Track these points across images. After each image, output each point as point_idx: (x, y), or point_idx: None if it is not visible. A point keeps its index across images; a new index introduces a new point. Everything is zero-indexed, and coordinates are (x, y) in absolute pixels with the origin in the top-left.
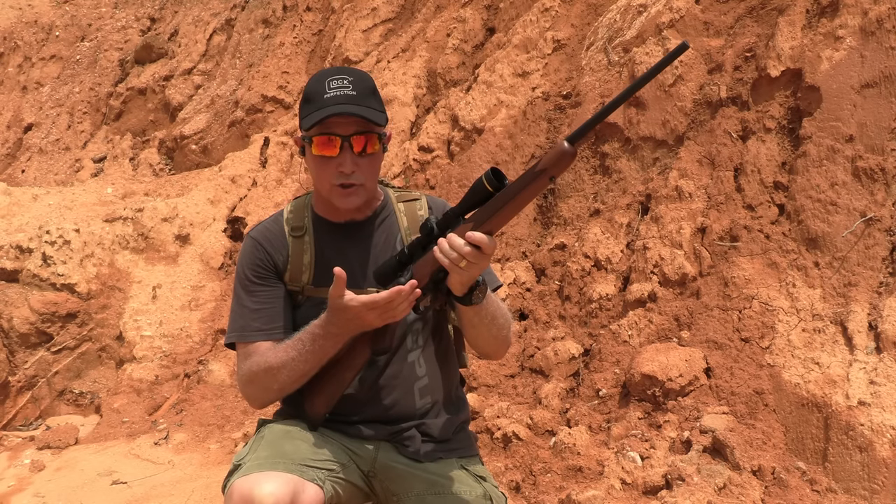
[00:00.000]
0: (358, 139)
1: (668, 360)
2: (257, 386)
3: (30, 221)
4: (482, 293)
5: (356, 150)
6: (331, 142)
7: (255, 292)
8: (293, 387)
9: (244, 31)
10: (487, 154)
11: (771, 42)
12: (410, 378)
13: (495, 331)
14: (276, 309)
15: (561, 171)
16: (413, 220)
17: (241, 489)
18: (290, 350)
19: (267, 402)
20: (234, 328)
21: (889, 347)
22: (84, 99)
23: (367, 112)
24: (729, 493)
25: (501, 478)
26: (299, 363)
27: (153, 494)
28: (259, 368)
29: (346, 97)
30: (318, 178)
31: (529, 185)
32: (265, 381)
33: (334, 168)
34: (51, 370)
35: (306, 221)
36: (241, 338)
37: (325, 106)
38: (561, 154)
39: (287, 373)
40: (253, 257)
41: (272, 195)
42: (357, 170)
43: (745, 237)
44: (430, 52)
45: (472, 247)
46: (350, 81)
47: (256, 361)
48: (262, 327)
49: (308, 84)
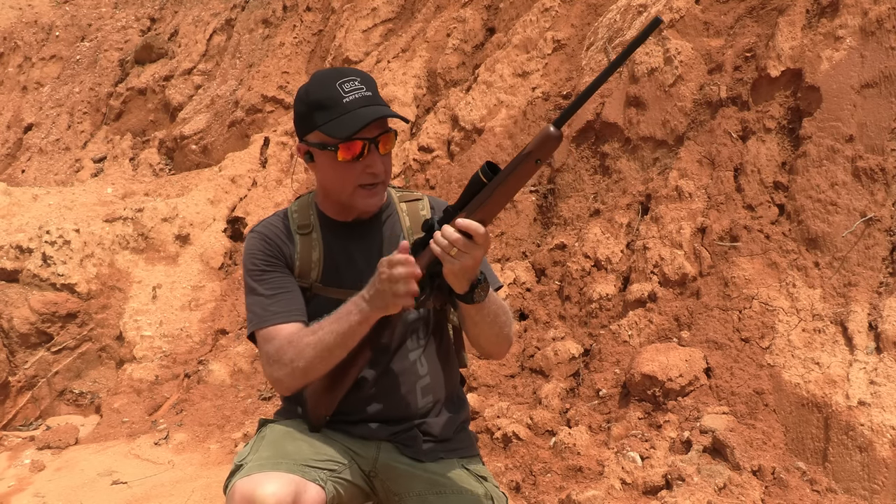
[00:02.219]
0: (383, 140)
1: (668, 360)
2: (282, 365)
3: (30, 221)
4: (484, 291)
5: (381, 151)
6: (357, 145)
7: (266, 280)
8: (320, 367)
9: (244, 31)
10: (487, 154)
11: (771, 42)
12: (412, 377)
13: (497, 329)
14: (291, 293)
15: (547, 155)
16: (415, 220)
17: (243, 489)
18: (316, 329)
19: (293, 384)
20: (252, 318)
21: (889, 347)
22: (84, 99)
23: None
24: (729, 493)
25: (501, 478)
26: (329, 339)
27: (153, 494)
28: (283, 348)
29: (365, 99)
30: (341, 182)
31: (516, 170)
32: (291, 357)
33: (361, 170)
34: (51, 370)
35: (312, 219)
36: (261, 324)
37: (349, 111)
38: (545, 137)
39: (313, 350)
40: (261, 247)
41: (272, 195)
42: (383, 169)
43: (745, 237)
44: (430, 52)
45: (464, 235)
46: (360, 82)
47: (280, 342)
48: (280, 311)
49: (313, 89)
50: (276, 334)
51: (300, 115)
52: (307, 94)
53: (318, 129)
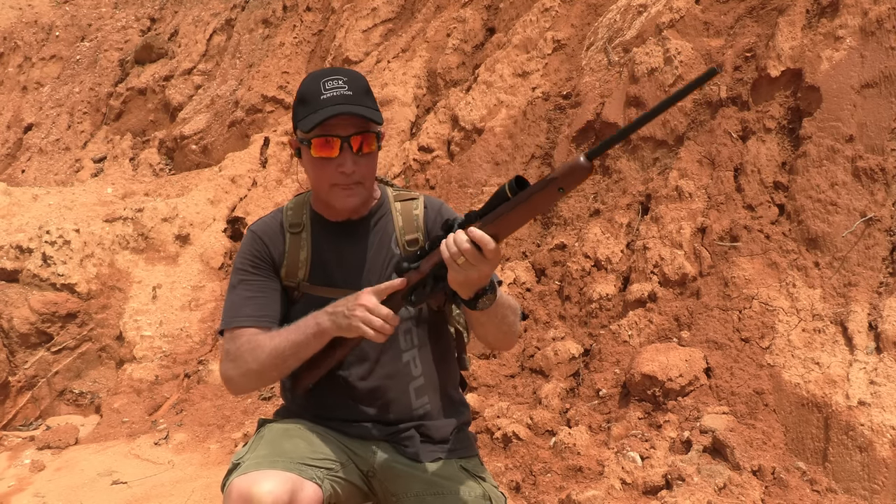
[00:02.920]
0: (357, 139)
1: (668, 360)
2: (237, 364)
3: (30, 221)
4: (489, 301)
5: (355, 151)
6: (330, 143)
7: (249, 281)
8: (272, 373)
9: (244, 31)
10: (487, 154)
11: (771, 42)
12: (405, 378)
13: (505, 328)
14: (267, 299)
15: (572, 186)
16: (408, 220)
17: (240, 487)
18: (275, 336)
19: (244, 385)
20: (224, 316)
21: (889, 347)
22: (84, 99)
23: (366, 111)
24: (729, 493)
25: (501, 478)
26: (283, 349)
27: (153, 494)
28: (242, 348)
29: (342, 97)
30: (318, 179)
31: (538, 193)
32: (246, 359)
33: (334, 169)
34: (51, 370)
35: (304, 218)
36: (230, 323)
37: (323, 107)
38: (574, 167)
39: (268, 355)
40: (251, 248)
41: (272, 195)
42: (356, 169)
43: (745, 237)
44: (430, 52)
45: (473, 245)
46: (345, 82)
47: (240, 343)
48: (251, 314)
49: (301, 86)
50: (239, 335)
51: (292, 110)
52: (298, 90)
53: (297, 123)
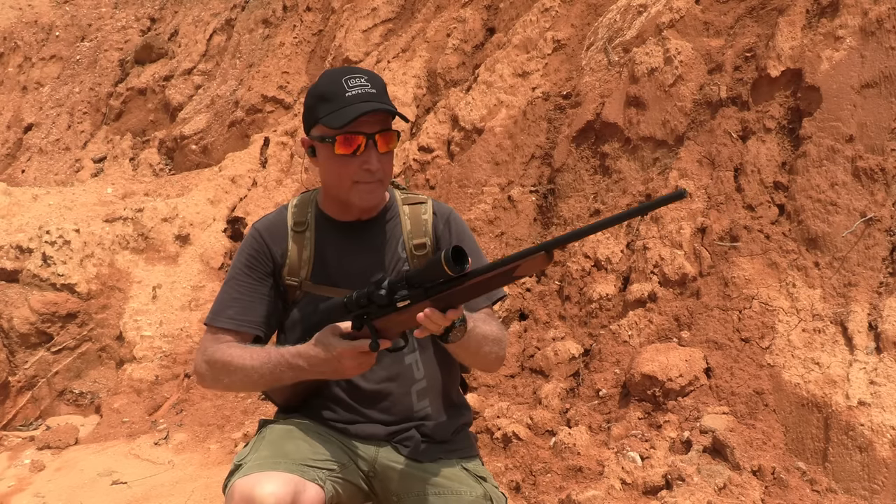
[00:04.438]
0: (382, 137)
1: (668, 360)
2: (211, 371)
3: (30, 221)
4: (460, 332)
5: (380, 148)
6: (355, 140)
7: (240, 281)
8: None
9: (244, 31)
10: (487, 154)
11: (771, 42)
12: (408, 380)
13: (481, 357)
14: (253, 303)
15: (527, 273)
16: (416, 224)
17: (242, 489)
18: (253, 359)
19: (213, 388)
20: (212, 311)
21: (889, 347)
22: (84, 99)
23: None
24: (729, 493)
25: (501, 478)
26: (254, 376)
27: (153, 494)
28: (219, 359)
29: (368, 95)
30: (339, 177)
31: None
32: (219, 372)
33: (357, 166)
34: (51, 370)
35: (309, 217)
36: (212, 321)
37: (350, 104)
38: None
39: (240, 377)
40: (250, 248)
41: (272, 195)
42: (380, 167)
43: (745, 237)
44: (430, 52)
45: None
46: (367, 80)
47: (220, 351)
48: (234, 316)
49: (320, 84)
50: (220, 337)
51: (307, 108)
52: (315, 88)
53: (319, 121)
